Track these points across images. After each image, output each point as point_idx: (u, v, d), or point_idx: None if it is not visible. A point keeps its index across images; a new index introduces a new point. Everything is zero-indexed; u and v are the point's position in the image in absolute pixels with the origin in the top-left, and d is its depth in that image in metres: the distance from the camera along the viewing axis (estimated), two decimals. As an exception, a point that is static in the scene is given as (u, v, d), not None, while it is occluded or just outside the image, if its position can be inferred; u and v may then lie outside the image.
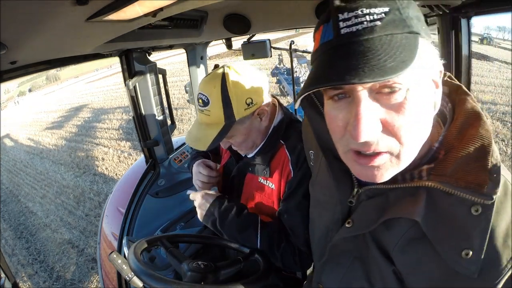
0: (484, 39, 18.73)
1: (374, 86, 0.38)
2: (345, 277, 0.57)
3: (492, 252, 0.39)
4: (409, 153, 0.41)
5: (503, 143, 4.52)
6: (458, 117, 0.44)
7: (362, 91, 0.38)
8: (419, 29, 0.39)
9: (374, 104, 0.38)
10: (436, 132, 0.46)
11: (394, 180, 0.45)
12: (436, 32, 1.01)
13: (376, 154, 0.40)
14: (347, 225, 0.51)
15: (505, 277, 0.39)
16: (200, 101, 0.82)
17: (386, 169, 0.41)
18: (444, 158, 0.43)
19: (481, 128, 0.41)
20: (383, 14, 0.36)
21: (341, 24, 0.37)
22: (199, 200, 0.93)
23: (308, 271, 0.96)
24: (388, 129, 0.39)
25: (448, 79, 0.50)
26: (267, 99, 0.87)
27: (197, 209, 0.95)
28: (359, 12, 0.37)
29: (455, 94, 0.47)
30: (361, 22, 0.36)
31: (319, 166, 0.63)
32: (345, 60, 0.36)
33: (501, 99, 6.59)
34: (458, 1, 0.81)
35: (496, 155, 0.40)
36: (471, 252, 0.39)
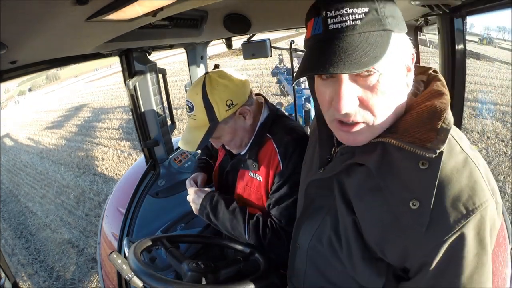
0: (484, 39, 18.72)
1: None
2: (317, 231, 0.64)
3: (441, 210, 0.44)
4: (381, 123, 0.50)
5: (503, 143, 4.51)
6: (423, 94, 0.53)
7: (344, 75, 0.46)
8: (393, 27, 0.46)
9: (353, 84, 0.47)
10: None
11: None
12: (436, 32, 1.01)
13: (355, 123, 0.49)
14: (319, 171, 0.62)
15: (452, 237, 0.43)
16: (187, 107, 0.91)
17: (363, 135, 0.51)
18: (399, 121, 0.51)
19: (437, 101, 0.49)
20: (363, 14, 0.44)
21: (329, 21, 0.45)
22: (193, 195, 1.02)
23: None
24: (364, 104, 0.48)
25: (432, 73, 0.58)
26: (249, 99, 0.93)
27: (191, 203, 1.02)
28: (344, 12, 0.44)
29: (431, 81, 0.55)
30: (345, 21, 0.44)
31: (314, 138, 0.74)
32: (331, 54, 0.44)
33: (501, 99, 6.58)
34: (458, 1, 0.81)
35: (448, 122, 0.46)
36: (418, 203, 0.44)
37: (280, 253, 0.88)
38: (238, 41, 1.74)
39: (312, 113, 3.85)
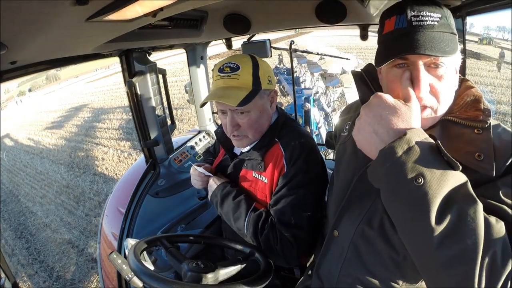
0: (484, 39, 18.69)
1: (430, 62, 0.57)
2: (366, 215, 0.67)
3: (503, 156, 0.52)
4: (442, 109, 0.61)
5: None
6: (461, 89, 0.65)
7: (421, 65, 0.57)
8: (455, 32, 0.59)
9: (426, 73, 0.57)
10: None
11: None
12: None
13: (423, 108, 0.58)
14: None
15: None
16: (227, 68, 0.90)
17: (428, 120, 0.60)
18: (451, 105, 0.61)
19: (474, 90, 0.62)
20: (438, 18, 0.57)
21: (412, 18, 0.56)
22: (210, 182, 1.06)
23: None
24: (432, 91, 0.58)
25: (460, 75, 0.68)
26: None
27: (209, 188, 1.06)
28: (424, 13, 0.56)
29: (462, 81, 0.67)
30: (426, 20, 0.56)
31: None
32: (421, 42, 0.54)
33: (501, 98, 6.59)
34: (458, 1, 0.81)
35: (486, 104, 0.58)
36: (482, 155, 0.52)
37: (273, 250, 0.88)
38: (238, 42, 1.74)
39: (312, 113, 3.84)
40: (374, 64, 0.63)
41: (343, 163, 0.79)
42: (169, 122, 1.60)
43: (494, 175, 0.51)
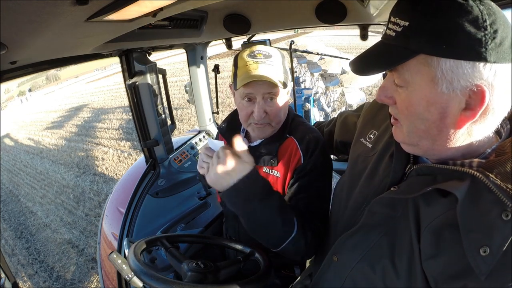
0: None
1: None
2: (369, 253, 0.61)
3: (507, 258, 0.41)
4: None
5: (503, 143, 4.50)
6: None
7: None
8: None
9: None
10: (492, 142, 0.50)
11: (445, 163, 0.51)
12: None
13: None
14: (392, 189, 0.57)
15: None
16: (260, 55, 0.88)
17: None
18: (495, 159, 0.46)
19: None
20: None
21: None
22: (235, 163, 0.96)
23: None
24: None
25: None
26: None
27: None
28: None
29: None
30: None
31: (381, 144, 0.70)
32: None
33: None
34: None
35: None
36: (488, 250, 0.41)
37: (313, 244, 0.81)
38: (238, 42, 1.74)
39: (312, 113, 3.84)
40: None
41: (362, 180, 0.69)
42: (169, 122, 1.60)
43: (483, 279, 0.42)
